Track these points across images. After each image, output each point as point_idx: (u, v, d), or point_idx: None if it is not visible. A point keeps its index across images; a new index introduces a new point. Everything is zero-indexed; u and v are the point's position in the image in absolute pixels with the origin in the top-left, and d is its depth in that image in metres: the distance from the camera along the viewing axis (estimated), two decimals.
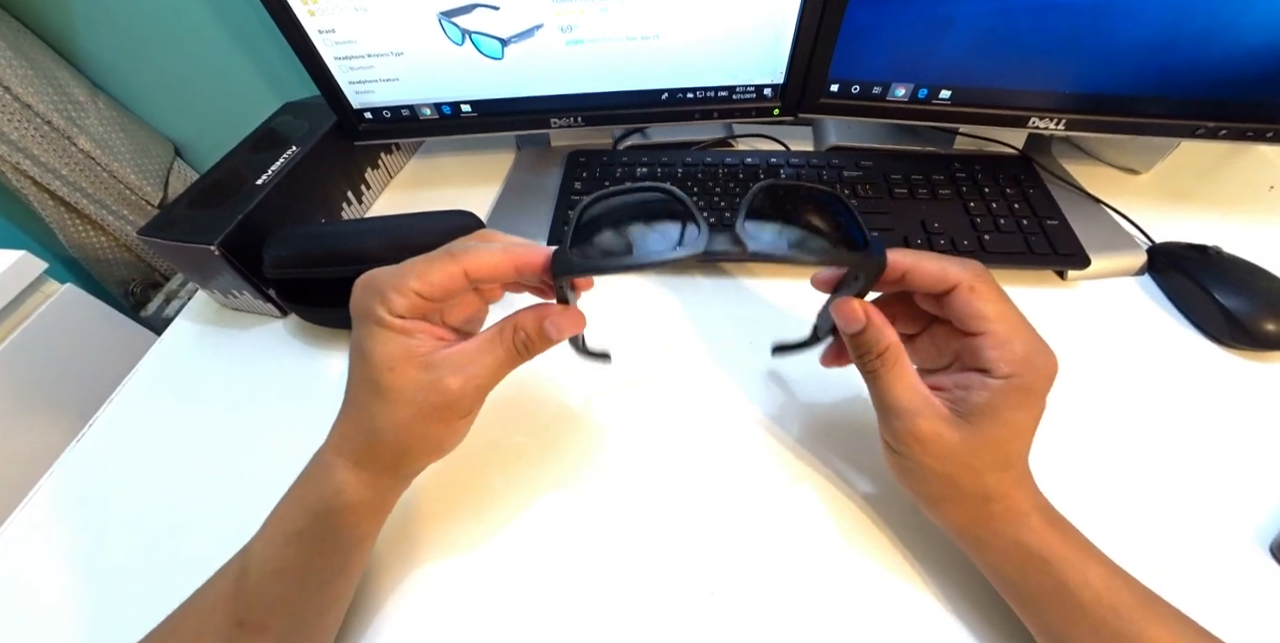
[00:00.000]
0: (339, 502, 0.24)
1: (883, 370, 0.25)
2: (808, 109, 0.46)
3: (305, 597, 0.24)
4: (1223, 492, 0.31)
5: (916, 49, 0.42)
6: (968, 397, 0.23)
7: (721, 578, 0.29)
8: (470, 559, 0.30)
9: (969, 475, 0.24)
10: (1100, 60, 0.40)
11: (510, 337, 0.24)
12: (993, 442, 0.23)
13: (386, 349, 0.23)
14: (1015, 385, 0.23)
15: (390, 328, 0.23)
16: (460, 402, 0.23)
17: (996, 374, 0.23)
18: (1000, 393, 0.23)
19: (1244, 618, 0.27)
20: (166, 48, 0.69)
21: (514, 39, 0.42)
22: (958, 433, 0.23)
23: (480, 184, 0.53)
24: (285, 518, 0.25)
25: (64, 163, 0.71)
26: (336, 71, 0.44)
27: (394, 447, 0.24)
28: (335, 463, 0.24)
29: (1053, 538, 0.24)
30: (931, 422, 0.24)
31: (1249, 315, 0.36)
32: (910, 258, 0.24)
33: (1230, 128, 0.41)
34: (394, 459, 0.24)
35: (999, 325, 0.23)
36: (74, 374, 0.59)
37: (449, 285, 0.23)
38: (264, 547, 0.24)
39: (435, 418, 0.23)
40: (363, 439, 0.24)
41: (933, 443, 0.24)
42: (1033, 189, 0.46)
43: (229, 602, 0.24)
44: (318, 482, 0.24)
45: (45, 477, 0.35)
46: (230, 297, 0.42)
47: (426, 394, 0.23)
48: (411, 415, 0.23)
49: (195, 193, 0.41)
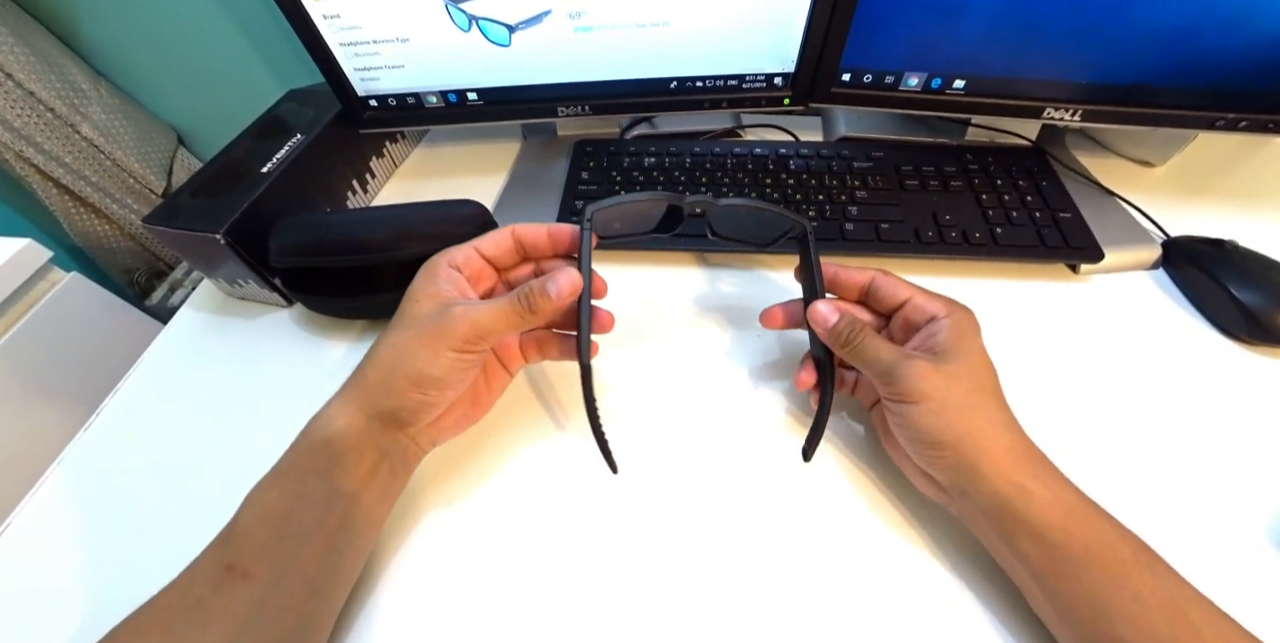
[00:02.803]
0: (325, 432, 0.25)
1: (865, 341, 0.29)
2: (819, 98, 0.46)
3: (289, 547, 0.24)
4: (1235, 487, 0.31)
5: (931, 37, 0.41)
6: (934, 340, 0.28)
7: (730, 570, 0.28)
8: (478, 551, 0.30)
9: (978, 397, 0.26)
10: (1119, 49, 0.39)
11: (517, 294, 0.27)
12: (973, 366, 0.27)
13: (423, 286, 0.28)
14: (959, 319, 0.28)
15: (437, 274, 0.28)
16: (455, 329, 0.26)
17: (941, 315, 0.29)
18: (954, 324, 0.28)
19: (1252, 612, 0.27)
20: (170, 35, 0.68)
21: (521, 25, 0.41)
22: (945, 365, 0.27)
23: (486, 173, 0.53)
24: (277, 463, 0.26)
25: (68, 151, 0.71)
26: (341, 58, 0.43)
27: (385, 367, 0.26)
28: (328, 402, 0.27)
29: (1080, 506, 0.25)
30: (922, 360, 0.27)
31: (1265, 310, 0.36)
32: (831, 268, 0.32)
33: (1251, 119, 0.40)
34: (378, 383, 0.26)
35: (916, 290, 0.30)
36: (80, 363, 0.59)
37: (500, 241, 0.30)
38: (254, 491, 0.25)
39: (427, 340, 0.26)
40: (363, 364, 0.27)
41: (934, 374, 0.26)
42: (1046, 181, 0.45)
43: (218, 546, 0.24)
44: (310, 422, 0.27)
45: (54, 465, 0.35)
46: (236, 286, 0.42)
47: (429, 320, 0.26)
48: (410, 336, 0.26)
49: (200, 181, 0.41)
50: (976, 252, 0.41)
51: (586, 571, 0.29)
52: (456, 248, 0.30)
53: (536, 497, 0.32)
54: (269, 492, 0.25)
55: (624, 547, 0.30)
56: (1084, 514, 0.24)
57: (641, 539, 0.30)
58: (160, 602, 0.23)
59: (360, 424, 0.26)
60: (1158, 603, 0.22)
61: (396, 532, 0.30)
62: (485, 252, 0.30)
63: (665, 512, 0.31)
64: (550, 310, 0.27)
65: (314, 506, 0.24)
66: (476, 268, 0.30)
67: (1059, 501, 0.24)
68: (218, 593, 0.23)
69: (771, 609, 0.27)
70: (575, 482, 0.32)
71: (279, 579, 0.23)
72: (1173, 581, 0.23)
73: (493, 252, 0.30)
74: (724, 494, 0.31)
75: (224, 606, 0.22)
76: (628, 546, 0.30)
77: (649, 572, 0.29)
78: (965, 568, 0.28)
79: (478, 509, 0.31)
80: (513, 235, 0.30)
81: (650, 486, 0.32)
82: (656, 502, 0.31)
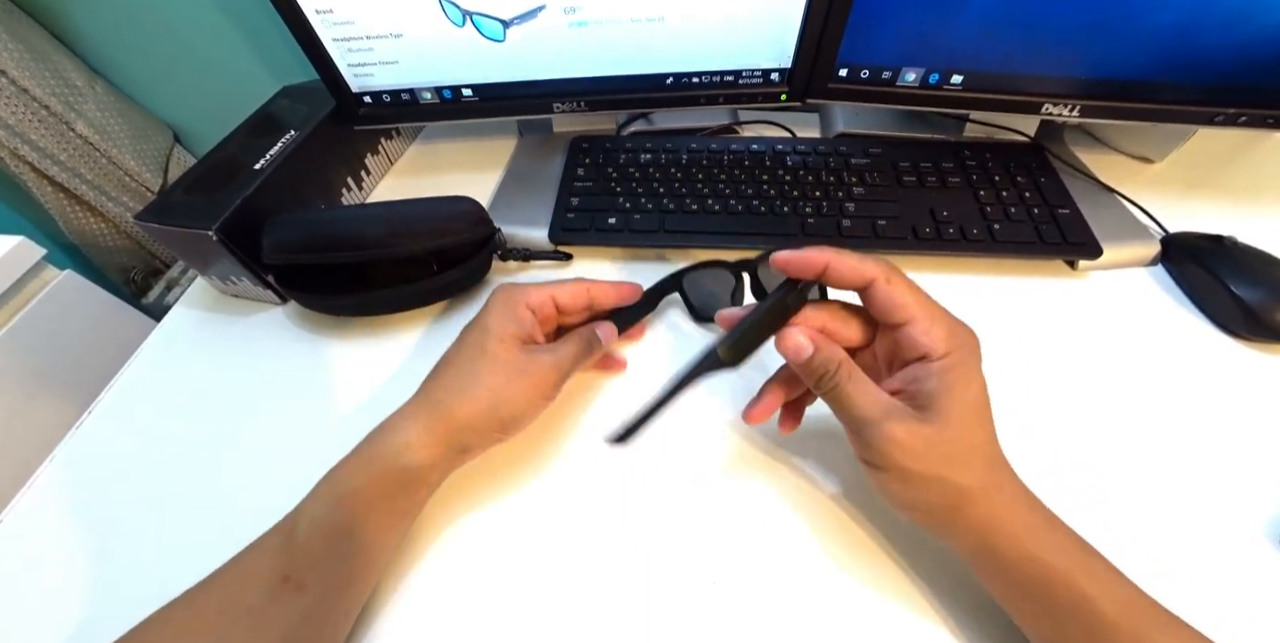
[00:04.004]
0: (403, 461, 0.26)
1: (842, 385, 0.25)
2: (816, 94, 0.45)
3: (344, 560, 0.25)
4: (1233, 484, 0.31)
5: (928, 32, 0.41)
6: (921, 388, 0.24)
7: (724, 569, 0.28)
8: (476, 550, 0.30)
9: (957, 468, 0.23)
10: (1118, 43, 0.39)
11: (578, 336, 0.31)
12: (962, 426, 0.23)
13: (505, 325, 0.29)
14: (955, 361, 0.23)
15: (516, 313, 0.30)
16: (550, 379, 0.29)
17: (935, 356, 0.23)
18: (947, 372, 0.23)
19: (1250, 608, 0.27)
20: (164, 31, 0.68)
21: (516, 20, 0.41)
22: (928, 427, 0.23)
23: (482, 170, 0.53)
24: (343, 477, 0.26)
25: (62, 148, 0.70)
26: (335, 54, 0.43)
27: (479, 405, 0.27)
28: (405, 426, 0.27)
29: (1065, 545, 0.23)
30: (902, 422, 0.23)
31: (1264, 306, 0.35)
32: (827, 254, 0.25)
33: (1251, 114, 0.40)
34: (468, 421, 0.27)
35: (919, 311, 0.24)
36: (74, 361, 0.58)
37: (576, 294, 0.32)
38: (316, 505, 0.25)
39: (524, 387, 0.28)
40: (450, 397, 0.27)
41: (909, 443, 0.23)
42: (1044, 177, 0.45)
43: (277, 555, 0.24)
44: (383, 442, 0.26)
45: (46, 462, 0.35)
46: (229, 283, 0.42)
47: (522, 364, 0.28)
48: (506, 380, 0.28)
49: (192, 178, 0.41)
50: (974, 248, 0.41)
51: (581, 570, 0.29)
52: (533, 289, 0.31)
53: (531, 496, 0.32)
54: (336, 509, 0.25)
55: (618, 546, 0.29)
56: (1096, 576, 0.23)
57: (636, 539, 0.30)
58: (206, 604, 0.24)
59: (438, 456, 0.27)
60: None
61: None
62: (561, 301, 0.31)
63: (660, 512, 0.31)
64: (599, 353, 0.32)
65: (376, 527, 0.25)
66: (547, 314, 0.31)
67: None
68: (272, 602, 0.23)
69: (765, 608, 0.27)
70: (570, 482, 0.32)
71: (327, 592, 0.24)
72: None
73: (568, 303, 0.32)
74: (719, 494, 0.31)
75: (277, 614, 0.23)
76: (622, 545, 0.29)
77: (643, 571, 0.28)
78: (959, 566, 0.28)
79: (472, 509, 0.31)
80: (588, 292, 0.32)
81: (645, 485, 0.32)
82: (651, 501, 0.31)
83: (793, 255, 0.25)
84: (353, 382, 0.38)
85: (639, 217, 0.44)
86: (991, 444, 0.24)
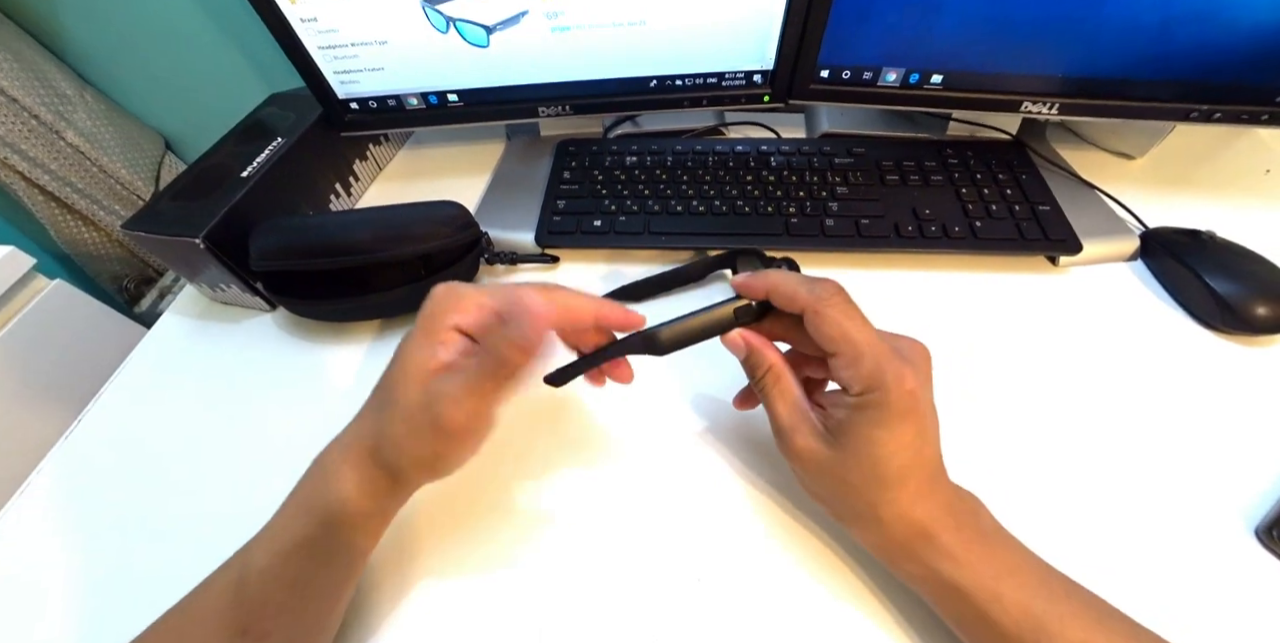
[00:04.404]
0: (346, 512, 0.23)
1: (767, 390, 0.26)
2: (798, 95, 0.46)
3: (305, 605, 0.24)
4: (1211, 476, 0.31)
5: (907, 33, 0.41)
6: (835, 414, 0.25)
7: (708, 566, 0.29)
8: (459, 550, 0.30)
9: (851, 494, 0.24)
10: (1092, 42, 0.39)
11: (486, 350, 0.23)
12: (862, 458, 0.23)
13: (416, 356, 0.24)
14: (869, 402, 0.23)
15: (435, 337, 0.24)
16: (451, 433, 0.23)
17: (851, 392, 0.24)
18: (856, 410, 0.24)
19: (1229, 601, 0.27)
20: (153, 40, 0.68)
21: (499, 26, 0.41)
22: (829, 450, 0.24)
23: (470, 174, 0.53)
24: (288, 525, 0.24)
25: (53, 157, 0.70)
26: (320, 61, 0.43)
27: (398, 456, 0.23)
28: (341, 470, 0.24)
29: (967, 560, 0.23)
30: (806, 438, 0.25)
31: (1240, 300, 0.36)
32: (771, 280, 0.26)
33: (1225, 110, 0.40)
34: (398, 469, 0.24)
35: (845, 346, 0.24)
36: (65, 370, 0.58)
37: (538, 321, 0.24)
38: (265, 554, 0.24)
39: (428, 440, 0.23)
40: (372, 444, 0.24)
41: (808, 459, 0.25)
42: (1025, 174, 0.45)
43: (232, 610, 0.23)
44: (321, 488, 0.24)
45: (35, 473, 0.35)
46: (218, 290, 0.42)
47: (420, 415, 0.23)
48: (407, 431, 0.23)
49: (180, 185, 0.41)
50: (956, 245, 0.41)
51: (565, 567, 0.29)
52: (473, 305, 0.24)
53: (517, 494, 0.32)
54: (287, 562, 0.23)
55: (603, 543, 0.30)
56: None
57: (620, 536, 0.30)
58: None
59: (383, 501, 0.24)
60: None
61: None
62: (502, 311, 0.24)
63: (645, 511, 0.31)
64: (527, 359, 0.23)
65: (334, 567, 0.24)
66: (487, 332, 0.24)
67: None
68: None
69: (749, 605, 0.27)
70: (554, 479, 0.32)
71: (293, 637, 0.24)
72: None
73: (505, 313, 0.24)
74: (703, 493, 0.31)
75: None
76: (606, 542, 0.30)
77: (628, 568, 0.29)
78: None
79: (459, 504, 0.31)
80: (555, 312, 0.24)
81: (631, 485, 0.32)
82: (635, 499, 0.31)
83: (746, 280, 0.27)
84: (343, 387, 0.38)
85: (625, 219, 0.44)
86: (906, 482, 0.24)
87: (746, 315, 0.27)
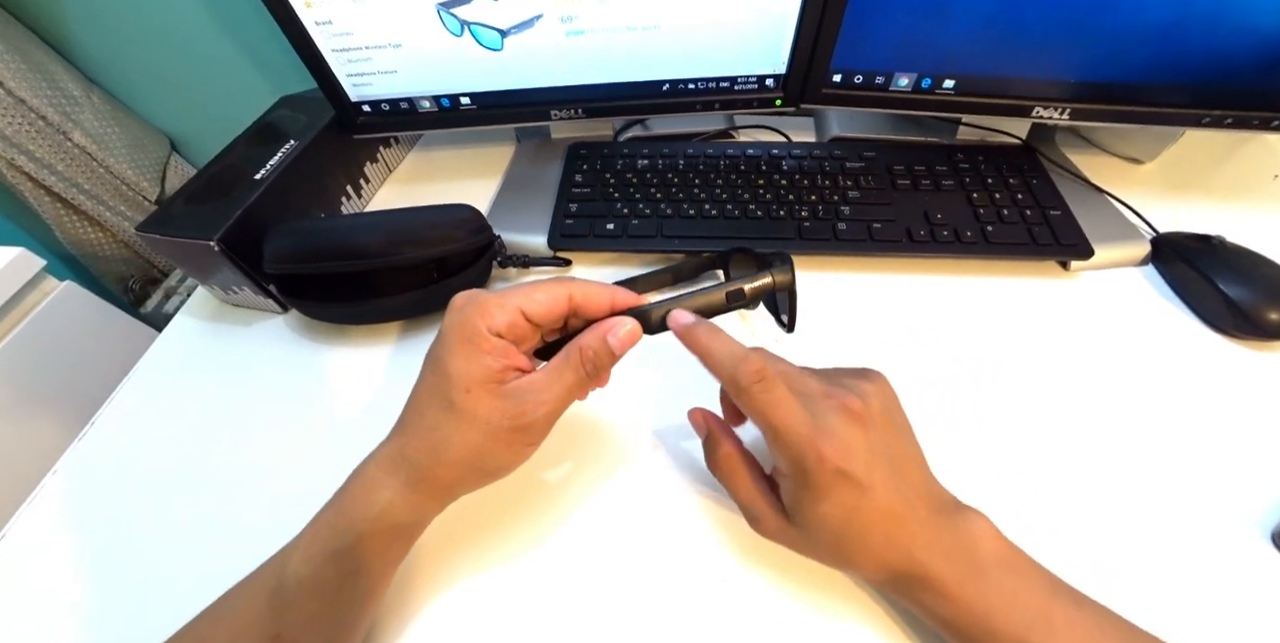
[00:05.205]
0: (384, 524, 0.24)
1: (722, 476, 0.27)
2: (811, 100, 0.46)
3: (337, 615, 0.24)
4: (1225, 481, 0.31)
5: (920, 38, 0.41)
6: (784, 487, 0.25)
7: (732, 566, 0.29)
8: (478, 553, 0.30)
9: (825, 554, 0.25)
10: (1105, 47, 0.39)
11: (578, 360, 0.25)
12: (817, 528, 0.24)
13: (468, 369, 0.23)
14: (799, 483, 0.23)
15: (479, 347, 0.23)
16: (532, 428, 0.24)
17: (782, 472, 0.24)
18: (792, 490, 0.24)
19: (1245, 607, 0.27)
20: (161, 41, 0.68)
21: (513, 30, 0.41)
22: (789, 524, 0.25)
23: (480, 177, 0.53)
24: (326, 536, 0.24)
25: (59, 158, 0.70)
26: (334, 64, 0.43)
27: (460, 467, 0.24)
28: (384, 482, 0.24)
29: (958, 595, 0.22)
30: (766, 517, 0.26)
31: (1253, 305, 0.36)
32: (701, 345, 0.25)
33: (1236, 116, 0.41)
34: (453, 481, 0.24)
35: (766, 429, 0.24)
36: (75, 372, 0.58)
37: (553, 306, 0.25)
38: (302, 563, 0.24)
39: (506, 442, 0.24)
40: (426, 459, 0.24)
41: (773, 534, 0.26)
42: (1036, 179, 0.45)
43: (266, 617, 0.23)
44: (363, 500, 0.24)
45: (49, 475, 0.35)
46: (230, 293, 0.42)
47: (501, 419, 0.23)
48: (485, 438, 0.23)
49: (193, 188, 0.41)
50: (968, 250, 0.41)
51: (587, 568, 0.29)
52: (496, 307, 0.24)
53: (537, 494, 0.32)
54: (324, 569, 0.24)
55: (625, 544, 0.30)
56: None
57: (643, 536, 0.30)
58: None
59: (424, 509, 0.25)
60: None
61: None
62: (533, 316, 0.24)
63: (666, 509, 0.31)
64: (611, 368, 0.25)
65: (368, 577, 0.25)
66: (521, 333, 0.25)
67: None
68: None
69: (774, 605, 0.27)
70: (573, 478, 0.32)
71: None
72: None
73: (542, 317, 0.25)
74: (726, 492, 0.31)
75: None
76: (628, 542, 0.30)
77: (651, 569, 0.29)
78: None
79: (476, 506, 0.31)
80: (569, 300, 0.25)
81: (651, 482, 0.32)
82: (656, 498, 0.31)
83: (684, 329, 0.25)
84: (356, 390, 0.38)
85: (637, 222, 0.44)
86: (875, 550, 0.24)
87: (738, 299, 0.27)
